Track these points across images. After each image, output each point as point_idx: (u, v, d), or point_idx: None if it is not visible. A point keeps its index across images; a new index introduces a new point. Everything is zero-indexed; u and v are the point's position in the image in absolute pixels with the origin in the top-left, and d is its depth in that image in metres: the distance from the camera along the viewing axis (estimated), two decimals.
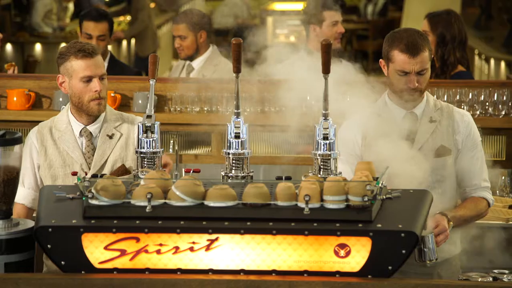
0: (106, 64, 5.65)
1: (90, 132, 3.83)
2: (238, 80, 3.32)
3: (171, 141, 5.25)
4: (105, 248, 2.97)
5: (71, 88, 3.81)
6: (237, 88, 3.32)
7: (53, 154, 3.84)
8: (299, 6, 10.09)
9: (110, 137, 3.84)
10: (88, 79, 3.76)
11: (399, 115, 3.77)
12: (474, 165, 3.78)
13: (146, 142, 3.36)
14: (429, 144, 3.74)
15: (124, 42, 12.03)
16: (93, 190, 3.03)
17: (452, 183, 3.79)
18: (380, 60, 3.78)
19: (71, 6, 12.64)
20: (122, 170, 3.78)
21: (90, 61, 3.76)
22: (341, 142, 3.78)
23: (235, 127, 3.26)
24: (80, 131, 3.85)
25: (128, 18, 12.97)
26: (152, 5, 13.09)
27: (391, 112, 3.78)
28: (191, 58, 5.66)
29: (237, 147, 3.25)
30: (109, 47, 6.24)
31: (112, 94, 5.09)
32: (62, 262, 2.99)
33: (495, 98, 4.94)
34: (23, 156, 3.86)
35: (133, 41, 12.06)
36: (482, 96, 4.95)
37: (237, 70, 3.31)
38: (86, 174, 3.56)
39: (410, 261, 3.58)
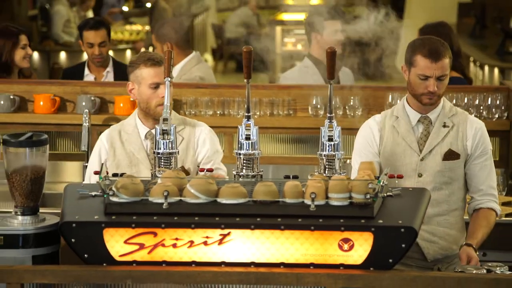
0: (111, 68, 5.67)
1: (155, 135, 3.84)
2: (249, 86, 3.32)
3: None
4: (125, 242, 2.98)
5: (139, 94, 3.83)
6: (248, 92, 3.32)
7: (121, 155, 3.86)
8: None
9: None
10: (156, 86, 3.78)
11: (414, 118, 3.75)
12: (482, 171, 3.73)
13: (163, 144, 3.36)
14: (439, 148, 3.71)
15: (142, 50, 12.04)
16: (113, 188, 3.03)
17: (460, 186, 3.75)
18: (402, 65, 3.76)
19: (90, 14, 12.64)
20: (183, 170, 3.76)
21: (158, 69, 3.77)
22: (361, 139, 3.79)
23: (245, 129, 3.26)
24: (146, 134, 3.86)
25: (147, 28, 13.00)
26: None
27: (407, 115, 3.76)
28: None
29: (247, 148, 3.25)
30: (111, 53, 6.22)
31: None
32: (85, 255, 3.00)
33: (489, 102, 4.93)
34: (92, 154, 3.91)
35: (150, 49, 12.05)
36: (477, 101, 4.94)
37: (247, 76, 3.31)
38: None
39: (412, 255, 3.60)
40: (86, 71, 5.72)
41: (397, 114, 3.77)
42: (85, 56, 5.82)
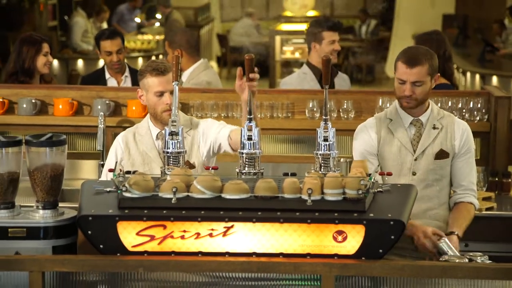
0: (128, 74, 5.67)
1: None
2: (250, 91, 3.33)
3: None
4: (137, 234, 2.98)
5: (147, 101, 3.83)
6: (250, 96, 3.32)
7: (135, 154, 3.86)
8: (303, 26, 10.08)
9: None
10: (161, 94, 3.77)
11: (406, 120, 3.74)
12: (464, 168, 3.74)
13: (172, 144, 3.35)
14: (431, 148, 3.71)
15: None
16: (126, 185, 3.04)
17: (448, 182, 3.76)
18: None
19: (104, 25, 12.67)
20: (188, 164, 3.75)
21: (162, 78, 3.76)
22: (361, 142, 3.78)
23: (248, 130, 3.26)
24: (157, 135, 3.86)
25: (157, 37, 13.02)
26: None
27: (400, 118, 3.75)
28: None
29: (249, 148, 3.25)
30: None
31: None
32: (101, 246, 3.00)
33: (471, 106, 4.92)
34: (109, 154, 3.91)
35: (160, 56, 12.07)
36: (460, 104, 4.93)
37: (249, 81, 3.31)
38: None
39: (407, 247, 3.59)
40: (107, 75, 5.72)
41: (390, 117, 3.76)
42: (101, 63, 5.82)
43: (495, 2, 14.95)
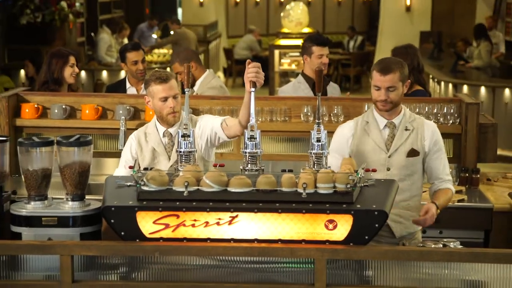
0: None
1: (170, 133, 3.84)
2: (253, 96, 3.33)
3: None
4: (154, 222, 2.97)
5: (154, 106, 3.83)
6: (253, 102, 3.31)
7: (146, 150, 3.85)
8: (298, 42, 10.07)
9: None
10: (165, 99, 3.77)
11: (381, 123, 3.74)
12: (439, 164, 3.74)
13: (184, 144, 3.35)
14: (403, 147, 3.70)
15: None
16: (144, 180, 3.03)
17: (419, 176, 3.74)
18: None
19: (125, 40, 12.68)
20: None
21: (165, 85, 3.76)
22: (337, 139, 3.78)
23: (250, 131, 3.26)
24: (163, 133, 3.86)
25: (171, 51, 13.01)
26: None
27: (376, 121, 3.75)
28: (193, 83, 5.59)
29: (252, 147, 3.24)
30: None
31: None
32: (122, 233, 2.99)
33: (445, 111, 4.91)
34: (124, 149, 3.92)
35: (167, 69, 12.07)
36: (435, 109, 4.92)
37: (253, 85, 3.33)
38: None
39: (383, 234, 3.59)
40: (128, 84, 5.72)
41: (367, 120, 3.76)
42: (122, 74, 5.81)
43: (464, 21, 15.00)
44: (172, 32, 13.64)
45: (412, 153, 3.70)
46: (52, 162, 3.19)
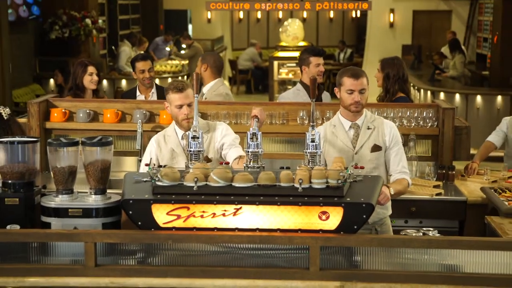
0: (155, 90, 5.66)
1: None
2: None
3: None
4: (167, 213, 2.96)
5: (171, 111, 3.82)
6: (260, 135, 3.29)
7: (165, 151, 3.84)
8: (295, 54, 10.07)
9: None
10: (180, 106, 3.75)
11: (347, 125, 3.75)
12: (395, 157, 3.74)
13: (193, 144, 3.34)
14: (367, 144, 3.72)
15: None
16: (158, 176, 3.02)
17: (383, 169, 3.76)
18: (335, 88, 3.78)
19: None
20: (206, 159, 3.73)
21: (181, 94, 3.74)
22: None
23: (252, 133, 3.24)
24: (182, 136, 3.84)
25: (183, 62, 13.01)
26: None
27: (342, 123, 3.76)
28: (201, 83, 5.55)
29: (254, 147, 3.23)
30: (157, 80, 6.19)
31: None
32: (139, 223, 2.98)
33: (424, 115, 4.91)
34: (145, 153, 3.91)
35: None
36: (416, 114, 4.92)
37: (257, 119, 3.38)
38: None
39: None
40: (138, 92, 5.72)
41: (334, 124, 3.79)
42: (137, 82, 5.79)
43: (441, 37, 15.01)
44: (183, 46, 13.69)
45: (375, 148, 3.72)
46: (78, 160, 3.18)
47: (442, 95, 10.24)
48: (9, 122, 4.05)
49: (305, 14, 18.59)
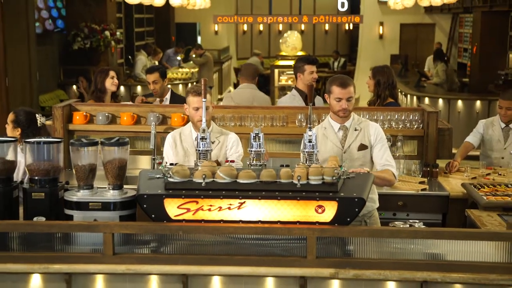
0: (169, 96, 5.66)
1: None
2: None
3: None
4: (178, 207, 2.95)
5: (189, 113, 3.83)
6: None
7: (179, 149, 3.84)
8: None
9: (213, 142, 3.80)
10: (197, 109, 3.76)
11: (336, 127, 3.76)
12: (379, 152, 3.72)
13: (202, 144, 3.33)
14: (354, 144, 3.72)
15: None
16: (170, 173, 3.01)
17: (370, 166, 3.74)
18: (325, 94, 3.77)
19: (157, 62, 12.70)
20: (216, 162, 3.71)
21: (198, 98, 3.75)
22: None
23: (255, 134, 3.23)
24: (195, 138, 3.82)
25: (192, 70, 13.00)
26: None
27: (332, 126, 3.76)
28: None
29: (256, 147, 3.22)
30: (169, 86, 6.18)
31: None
32: (153, 215, 2.97)
33: (410, 118, 4.89)
34: (164, 150, 3.89)
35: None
36: (403, 117, 4.90)
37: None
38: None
39: None
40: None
41: (325, 126, 3.80)
42: None
43: (426, 47, 14.98)
44: (193, 56, 13.73)
45: (362, 147, 3.72)
46: (97, 159, 3.17)
47: (426, 100, 10.23)
48: (40, 129, 4.15)
49: (303, 27, 18.61)
